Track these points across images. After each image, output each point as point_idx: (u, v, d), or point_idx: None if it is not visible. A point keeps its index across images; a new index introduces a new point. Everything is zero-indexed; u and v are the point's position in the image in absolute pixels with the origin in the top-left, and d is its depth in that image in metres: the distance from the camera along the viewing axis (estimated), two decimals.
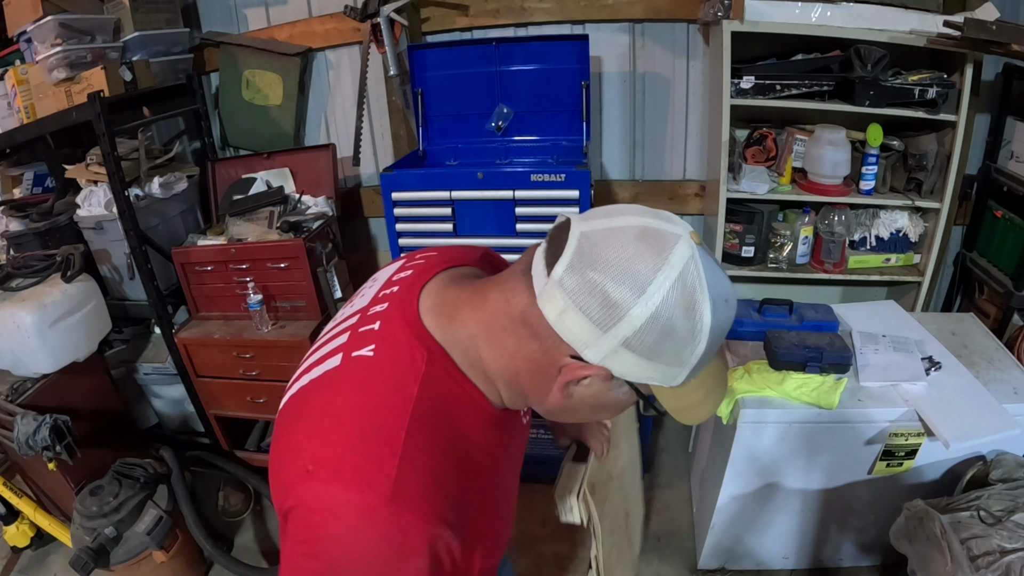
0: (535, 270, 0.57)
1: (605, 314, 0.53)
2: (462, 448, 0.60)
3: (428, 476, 0.56)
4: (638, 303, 0.52)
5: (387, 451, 0.55)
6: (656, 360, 0.55)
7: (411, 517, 0.54)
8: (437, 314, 0.63)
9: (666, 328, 0.53)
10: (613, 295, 0.52)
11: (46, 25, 1.82)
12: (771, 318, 1.73)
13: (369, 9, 1.96)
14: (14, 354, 1.78)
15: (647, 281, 0.52)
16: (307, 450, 0.58)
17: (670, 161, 2.30)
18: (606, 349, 0.54)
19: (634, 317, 0.52)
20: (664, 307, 0.52)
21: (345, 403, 0.59)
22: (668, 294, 0.52)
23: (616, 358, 0.55)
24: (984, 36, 1.55)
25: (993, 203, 2.05)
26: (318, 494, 0.55)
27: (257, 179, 2.30)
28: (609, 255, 0.53)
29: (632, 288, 0.52)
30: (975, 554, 1.25)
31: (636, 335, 0.53)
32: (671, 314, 0.52)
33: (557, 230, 0.58)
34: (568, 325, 0.54)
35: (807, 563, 1.83)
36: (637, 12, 2.05)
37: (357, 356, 0.61)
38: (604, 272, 0.52)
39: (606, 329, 0.53)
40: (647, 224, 0.55)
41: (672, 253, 0.53)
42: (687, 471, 2.28)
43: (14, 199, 2.26)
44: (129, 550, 1.73)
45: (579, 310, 0.53)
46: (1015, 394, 1.50)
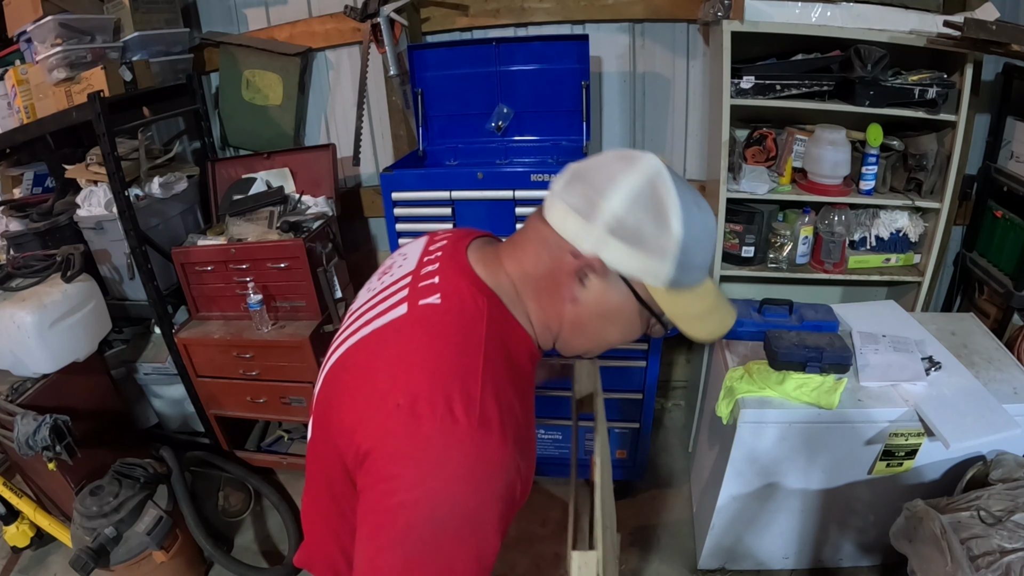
0: (546, 201, 0.69)
1: (587, 205, 0.64)
2: (519, 379, 0.68)
3: (503, 405, 0.62)
4: (611, 191, 0.63)
5: (471, 384, 0.60)
6: (638, 248, 0.64)
7: (496, 440, 0.59)
8: (484, 264, 0.72)
9: (641, 216, 0.63)
10: (592, 189, 0.64)
11: (46, 25, 1.82)
12: (771, 318, 1.73)
13: (369, 9, 1.96)
14: (14, 354, 1.78)
15: (618, 176, 0.64)
16: (395, 388, 0.61)
17: (670, 161, 2.30)
18: (595, 237, 0.64)
19: (611, 200, 0.63)
20: (634, 196, 0.63)
21: (424, 345, 0.64)
22: (636, 185, 0.63)
23: (604, 246, 0.64)
24: (984, 36, 1.55)
25: (993, 203, 2.05)
26: (408, 427, 0.58)
27: (257, 179, 2.30)
28: (592, 168, 0.67)
29: (607, 182, 0.64)
30: (975, 554, 1.25)
31: (617, 218, 0.63)
32: (644, 204, 0.63)
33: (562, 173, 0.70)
34: (565, 224, 0.66)
35: (807, 563, 1.83)
36: (637, 12, 2.05)
37: (425, 304, 0.68)
38: (587, 178, 0.66)
39: (590, 218, 0.64)
40: (623, 151, 0.68)
41: (640, 160, 0.65)
42: (687, 471, 2.28)
43: (14, 199, 2.26)
44: (129, 550, 1.73)
45: (569, 208, 0.65)
46: (1015, 394, 1.50)
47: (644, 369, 1.91)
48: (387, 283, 0.76)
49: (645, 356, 1.90)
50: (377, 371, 0.64)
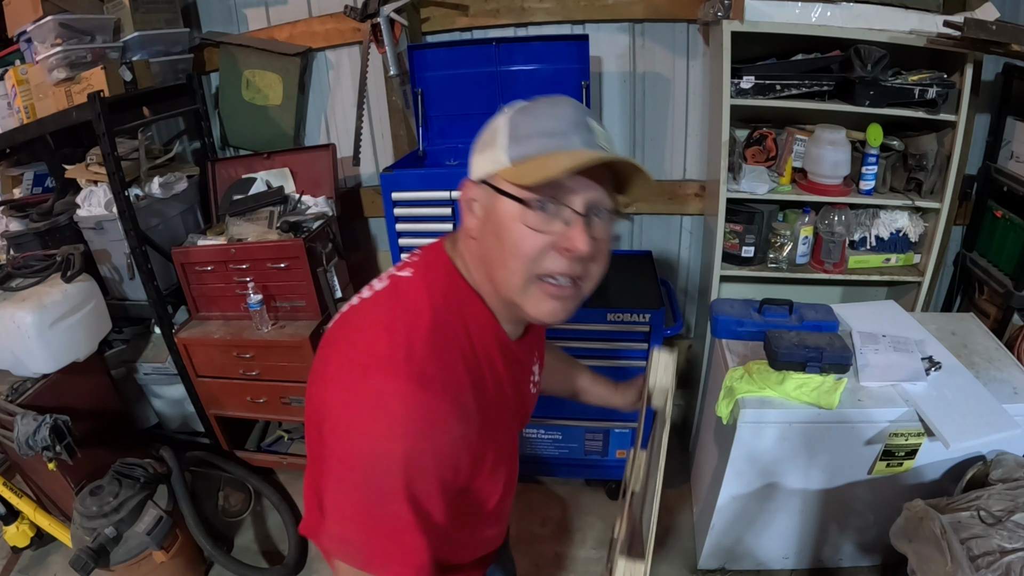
0: None
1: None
2: (474, 354, 0.70)
3: (446, 369, 0.65)
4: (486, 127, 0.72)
5: (416, 343, 0.64)
6: (485, 149, 0.70)
7: (432, 398, 0.62)
8: (453, 245, 0.76)
9: (486, 127, 0.71)
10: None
11: (46, 25, 1.82)
12: (771, 318, 1.73)
13: (369, 9, 1.96)
14: (14, 354, 1.79)
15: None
16: (356, 348, 0.66)
17: (670, 161, 2.30)
18: (472, 165, 0.73)
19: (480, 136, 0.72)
20: (496, 118, 0.70)
21: (386, 309, 0.69)
22: (505, 113, 0.70)
23: (473, 168, 0.72)
24: (984, 36, 1.55)
25: (993, 203, 2.05)
26: (360, 381, 0.63)
27: (257, 179, 2.30)
28: None
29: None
30: (975, 554, 1.25)
31: (476, 143, 0.72)
32: (494, 119, 0.71)
33: None
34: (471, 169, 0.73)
35: (807, 563, 1.83)
36: (637, 12, 2.05)
37: (397, 276, 0.74)
38: None
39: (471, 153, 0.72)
40: None
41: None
42: (687, 471, 2.28)
43: (14, 199, 2.26)
44: (129, 550, 1.73)
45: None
46: (1015, 394, 1.50)
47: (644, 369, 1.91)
48: (368, 285, 0.80)
49: (645, 356, 1.89)
50: (347, 335, 0.70)
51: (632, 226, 2.43)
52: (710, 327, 1.83)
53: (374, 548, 0.63)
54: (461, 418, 0.65)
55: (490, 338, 0.73)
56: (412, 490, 0.61)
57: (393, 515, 0.62)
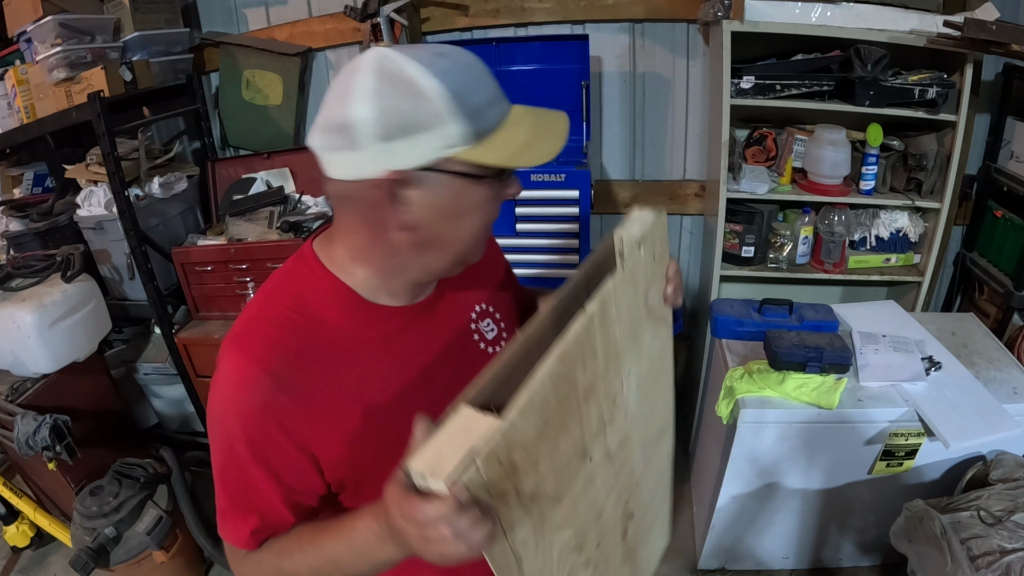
0: None
1: (344, 136, 0.58)
2: (310, 323, 0.69)
3: (265, 337, 0.67)
4: (352, 106, 0.57)
5: (242, 318, 0.70)
6: (415, 132, 0.57)
7: (241, 360, 0.65)
8: (320, 237, 0.75)
9: (392, 104, 0.57)
10: (334, 119, 0.59)
11: (46, 25, 1.82)
12: (771, 318, 1.73)
13: (369, 9, 1.96)
14: (14, 354, 1.78)
15: (346, 89, 0.58)
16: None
17: (670, 161, 2.30)
18: (372, 156, 0.58)
19: (359, 117, 0.57)
20: (374, 93, 0.57)
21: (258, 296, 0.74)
22: (367, 83, 0.57)
23: (388, 157, 0.58)
24: (984, 36, 1.55)
25: (993, 203, 2.05)
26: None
27: (257, 179, 2.30)
28: (326, 106, 0.61)
29: (341, 103, 0.58)
30: (975, 554, 1.25)
31: (379, 126, 0.57)
32: (387, 92, 0.57)
33: None
34: (342, 167, 0.61)
35: (807, 563, 1.83)
36: (637, 12, 2.05)
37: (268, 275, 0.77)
38: (322, 113, 0.61)
39: (354, 145, 0.58)
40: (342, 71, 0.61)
41: (359, 61, 0.59)
42: (687, 471, 2.28)
43: (14, 199, 2.26)
44: (129, 550, 1.73)
45: (332, 150, 0.61)
46: (1015, 394, 1.50)
47: None
48: None
49: None
50: None
51: None
52: (710, 327, 1.83)
53: (222, 508, 0.70)
54: (284, 388, 0.65)
55: (335, 307, 0.70)
56: (224, 447, 0.67)
57: (232, 476, 0.68)
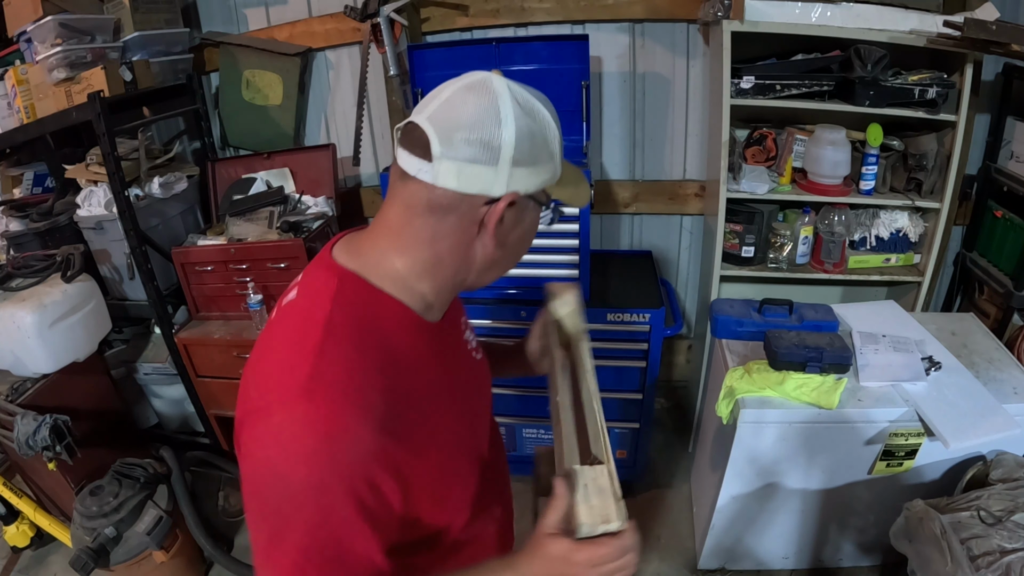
0: (412, 169, 0.65)
1: (489, 152, 0.63)
2: (385, 348, 0.65)
3: (350, 379, 0.61)
4: (503, 128, 0.64)
5: (303, 362, 0.61)
6: (539, 162, 0.67)
7: (331, 413, 0.59)
8: (347, 251, 0.71)
9: (530, 132, 0.66)
10: (485, 136, 0.63)
11: (46, 25, 1.82)
12: (771, 318, 1.73)
13: (369, 9, 1.96)
14: (14, 354, 1.78)
15: (496, 111, 0.64)
16: (256, 394, 0.64)
17: (670, 161, 2.30)
18: (504, 176, 0.65)
19: (507, 139, 0.64)
20: (518, 119, 0.64)
21: (276, 342, 0.67)
22: (514, 109, 0.65)
23: (517, 179, 0.66)
24: (984, 36, 1.55)
25: (993, 203, 2.05)
26: (263, 422, 0.61)
27: (257, 179, 2.30)
28: (460, 116, 0.64)
29: (493, 122, 0.64)
30: (975, 554, 1.25)
31: (517, 151, 0.64)
32: (524, 120, 0.65)
33: (403, 136, 0.67)
34: (470, 180, 0.64)
35: (807, 563, 1.83)
36: (637, 12, 2.05)
37: (286, 303, 0.70)
38: (467, 127, 0.63)
39: (496, 162, 0.64)
40: (464, 83, 0.67)
41: (493, 86, 0.66)
42: (687, 471, 2.28)
43: (14, 199, 2.26)
44: (129, 550, 1.73)
45: (471, 163, 0.63)
46: (1015, 394, 1.50)
47: (644, 369, 1.91)
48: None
49: (645, 356, 1.90)
50: (248, 382, 0.67)
51: (632, 226, 2.43)
52: (710, 327, 1.83)
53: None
54: (393, 432, 0.61)
55: (402, 329, 0.68)
56: (317, 521, 0.58)
57: (293, 542, 0.58)
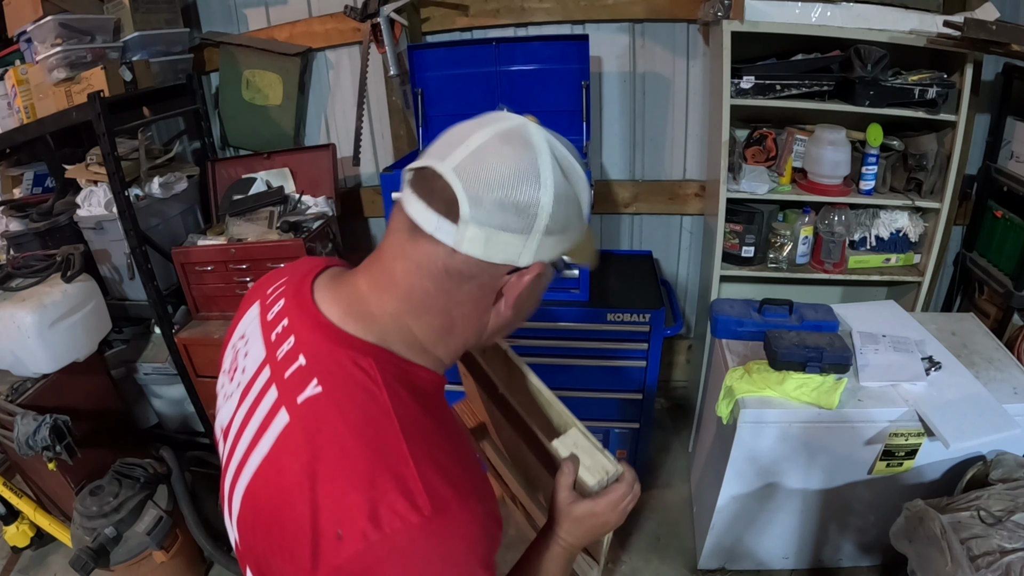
0: (429, 226, 0.57)
1: (523, 219, 0.56)
2: (442, 425, 0.60)
3: (447, 471, 0.54)
4: (542, 192, 0.56)
5: (405, 471, 0.52)
6: (569, 229, 0.61)
7: (461, 516, 0.53)
8: (354, 317, 0.61)
9: (566, 197, 0.58)
10: (521, 200, 0.56)
11: (46, 25, 1.82)
12: (771, 318, 1.73)
13: (369, 9, 1.96)
14: (14, 354, 1.78)
15: (535, 171, 0.56)
16: (321, 520, 0.51)
17: (670, 161, 2.30)
18: (535, 246, 0.58)
19: (545, 205, 0.56)
20: (557, 182, 0.57)
21: (330, 453, 0.53)
22: (553, 169, 0.57)
23: (544, 248, 0.59)
24: (984, 36, 1.55)
25: (993, 203, 2.05)
26: (360, 552, 0.50)
27: (257, 179, 2.30)
28: (493, 173, 0.55)
29: (531, 184, 0.56)
30: (975, 554, 1.25)
31: (552, 219, 0.57)
32: (562, 184, 0.58)
33: (419, 182, 0.58)
34: (497, 249, 0.57)
35: (807, 563, 1.83)
36: (637, 12, 2.05)
37: (305, 400, 0.56)
38: (501, 188, 0.55)
39: (529, 231, 0.57)
40: (497, 131, 0.58)
41: (531, 139, 0.58)
42: (687, 471, 2.28)
43: (14, 199, 2.26)
44: (129, 550, 1.73)
45: (502, 230, 0.56)
46: (1015, 394, 1.50)
47: (644, 369, 1.91)
48: (244, 384, 0.64)
49: (645, 356, 1.89)
50: (290, 507, 0.53)
51: (632, 226, 2.43)
52: (710, 327, 1.83)
53: None
54: (483, 497, 0.57)
55: (437, 393, 0.65)
56: None
57: None
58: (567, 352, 1.92)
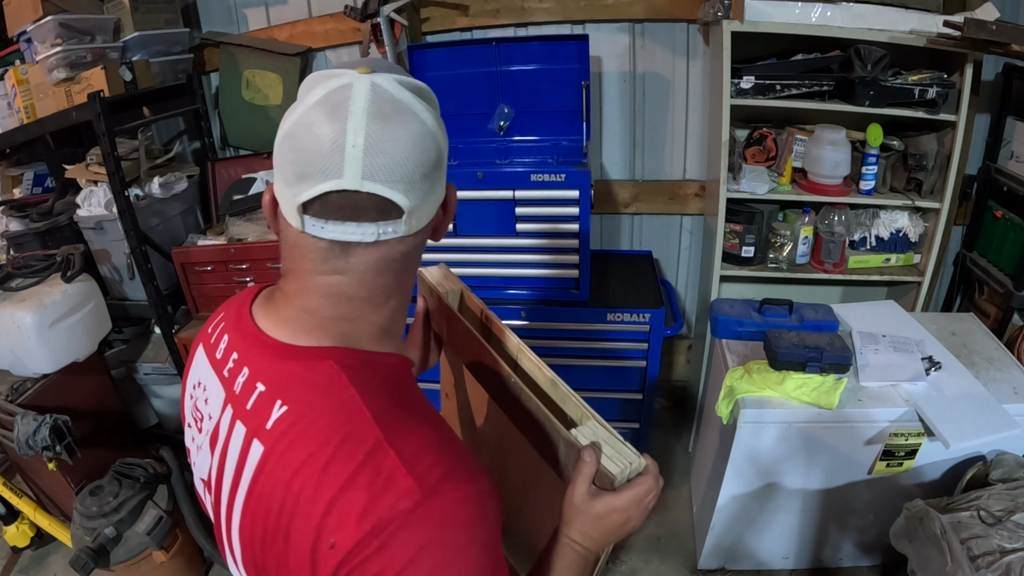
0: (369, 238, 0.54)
1: (439, 167, 0.57)
2: (420, 412, 0.57)
3: (425, 452, 0.52)
4: (435, 134, 0.55)
5: (385, 462, 0.50)
6: (443, 130, 0.58)
7: (456, 493, 0.52)
8: (306, 331, 0.57)
9: (437, 117, 0.57)
10: (431, 156, 0.55)
11: (46, 25, 1.82)
12: (771, 318, 1.73)
13: (369, 9, 1.96)
14: (14, 354, 1.78)
15: (418, 121, 0.53)
16: (317, 532, 0.50)
17: (670, 161, 2.30)
18: (440, 189, 0.60)
19: (441, 142, 0.56)
20: (429, 113, 0.55)
21: (312, 468, 0.51)
22: (419, 104, 0.54)
23: (440, 187, 0.60)
24: (984, 36, 1.55)
25: (993, 203, 2.05)
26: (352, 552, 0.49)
27: (257, 179, 2.30)
28: (400, 156, 0.52)
29: (425, 137, 0.54)
30: (975, 554, 1.25)
31: (446, 143, 0.58)
32: (429, 107, 0.55)
33: (331, 210, 0.53)
34: (432, 203, 0.58)
35: (807, 563, 1.83)
36: (637, 12, 2.05)
37: (275, 423, 0.54)
38: (415, 162, 0.53)
39: (442, 168, 0.58)
40: (357, 113, 0.51)
41: (400, 101, 0.53)
42: (687, 471, 2.28)
43: (14, 199, 2.26)
44: (129, 550, 1.73)
45: (432, 190, 0.57)
46: (1015, 394, 1.50)
47: (644, 369, 1.91)
48: (211, 431, 0.61)
49: (645, 356, 1.89)
50: (285, 535, 0.52)
51: (632, 226, 2.43)
52: (710, 327, 1.83)
53: None
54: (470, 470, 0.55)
55: (408, 376, 0.63)
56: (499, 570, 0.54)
57: None
58: (567, 352, 1.92)
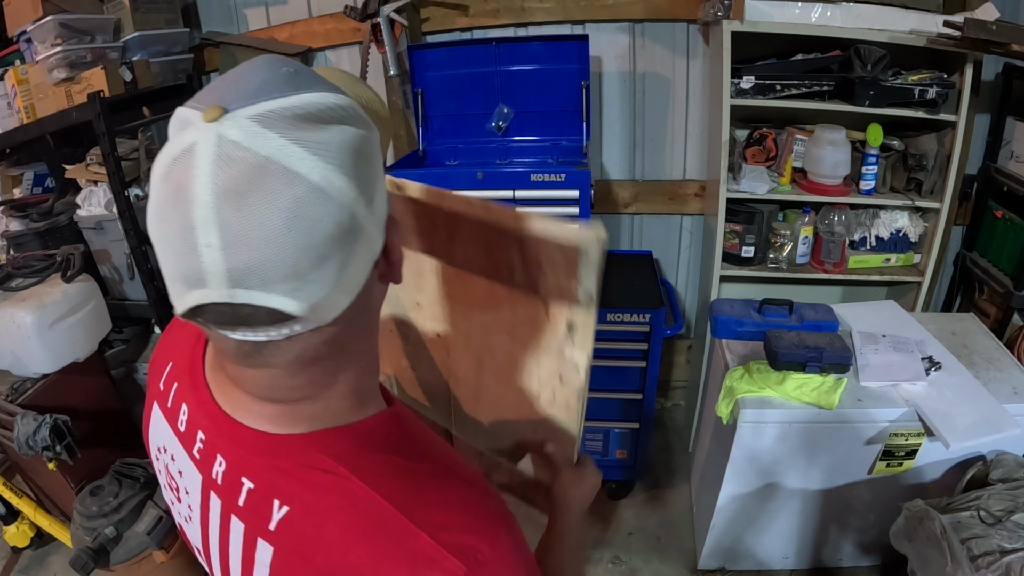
0: (278, 338, 0.44)
1: (349, 233, 0.42)
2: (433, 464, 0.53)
3: (455, 518, 0.49)
4: (326, 189, 0.40)
5: (418, 545, 0.46)
6: (373, 161, 0.45)
7: (491, 553, 0.48)
8: (273, 421, 0.50)
9: (346, 157, 0.41)
10: (325, 229, 0.40)
11: (46, 25, 1.82)
12: (771, 318, 1.73)
13: (369, 9, 1.96)
14: (14, 354, 1.78)
15: (293, 186, 0.38)
16: None
17: (670, 161, 2.30)
18: (372, 222, 0.45)
19: (347, 198, 0.41)
20: (315, 164, 0.39)
21: (339, 567, 0.47)
22: (300, 157, 0.39)
23: (378, 209, 0.46)
24: (984, 36, 1.55)
25: (993, 203, 2.05)
26: None
27: None
28: (271, 245, 0.38)
29: (313, 201, 0.39)
30: (975, 554, 1.25)
31: (359, 194, 0.42)
32: (321, 157, 0.39)
33: (219, 321, 0.44)
34: (353, 277, 0.44)
35: (807, 563, 1.83)
36: (637, 12, 2.05)
37: (278, 524, 0.48)
38: (296, 247, 0.39)
39: (359, 227, 0.43)
40: (205, 200, 0.38)
41: (259, 154, 0.38)
42: (687, 471, 2.28)
43: (14, 199, 2.26)
44: (129, 550, 1.73)
45: (342, 267, 0.42)
46: (1015, 394, 1.50)
47: (644, 369, 1.91)
48: (198, 508, 0.57)
49: (645, 356, 1.89)
50: None
51: (632, 226, 2.43)
52: (710, 327, 1.83)
53: None
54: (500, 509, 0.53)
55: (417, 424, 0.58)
56: None
57: None
58: None
